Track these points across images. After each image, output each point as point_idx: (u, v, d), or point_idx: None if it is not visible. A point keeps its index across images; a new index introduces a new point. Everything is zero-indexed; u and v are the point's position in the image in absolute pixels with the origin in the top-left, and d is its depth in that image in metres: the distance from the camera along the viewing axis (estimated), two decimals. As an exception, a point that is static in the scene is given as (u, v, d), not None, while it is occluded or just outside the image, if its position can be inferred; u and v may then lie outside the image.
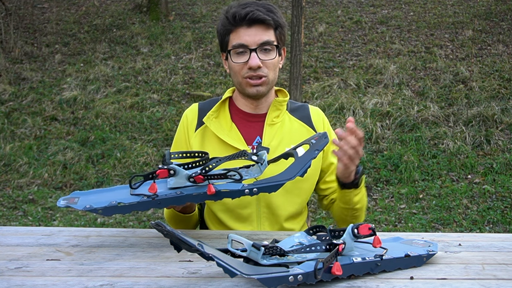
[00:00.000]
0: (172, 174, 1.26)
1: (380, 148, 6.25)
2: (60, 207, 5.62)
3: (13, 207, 5.61)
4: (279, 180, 1.26)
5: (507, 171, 5.63)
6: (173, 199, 1.26)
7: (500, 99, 6.89)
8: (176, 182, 1.28)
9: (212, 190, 1.24)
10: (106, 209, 1.26)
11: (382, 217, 5.00)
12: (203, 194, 1.26)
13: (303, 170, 1.27)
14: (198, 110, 1.73)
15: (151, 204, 1.26)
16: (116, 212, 1.26)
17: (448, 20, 9.29)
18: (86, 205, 1.27)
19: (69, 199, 1.31)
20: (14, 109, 7.62)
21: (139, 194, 1.28)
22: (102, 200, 1.28)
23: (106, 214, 1.26)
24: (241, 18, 1.57)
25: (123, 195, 1.30)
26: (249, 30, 1.58)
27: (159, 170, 1.26)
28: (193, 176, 1.26)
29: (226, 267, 0.97)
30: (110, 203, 1.26)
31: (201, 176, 1.26)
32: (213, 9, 10.59)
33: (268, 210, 1.63)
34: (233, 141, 1.63)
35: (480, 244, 1.33)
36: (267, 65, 1.60)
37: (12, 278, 1.08)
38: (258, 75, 1.60)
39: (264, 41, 1.58)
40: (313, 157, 1.30)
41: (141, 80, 8.24)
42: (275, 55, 1.62)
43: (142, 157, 6.44)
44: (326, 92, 7.48)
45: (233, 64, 1.61)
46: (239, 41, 1.59)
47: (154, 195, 1.26)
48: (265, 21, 1.58)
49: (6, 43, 9.29)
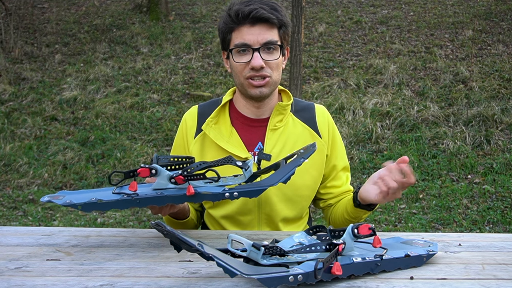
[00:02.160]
0: (154, 173, 1.26)
1: (380, 148, 6.25)
2: (61, 207, 5.54)
3: (13, 207, 5.61)
4: (261, 185, 1.24)
5: (507, 171, 5.63)
6: (153, 199, 1.25)
7: (500, 99, 6.89)
8: (158, 183, 1.28)
9: (191, 191, 1.24)
10: (86, 205, 1.25)
11: (382, 217, 5.00)
12: (183, 195, 1.26)
13: (286, 177, 1.25)
14: (197, 115, 1.66)
15: (131, 203, 1.25)
16: (95, 208, 1.26)
17: (448, 20, 9.29)
18: (66, 201, 1.27)
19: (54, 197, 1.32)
20: (14, 109, 7.62)
21: (120, 193, 1.27)
22: (83, 197, 1.28)
23: (86, 210, 1.26)
24: (244, 16, 1.51)
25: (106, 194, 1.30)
26: (252, 29, 1.52)
27: (140, 168, 1.25)
28: (174, 176, 1.26)
29: (226, 267, 0.97)
30: (90, 199, 1.26)
31: (182, 177, 1.25)
32: (213, 9, 10.59)
33: (268, 217, 1.61)
34: (234, 148, 1.58)
35: (480, 244, 1.33)
36: (271, 65, 1.54)
37: (12, 278, 1.08)
38: (261, 75, 1.53)
39: (267, 40, 1.52)
40: (297, 165, 1.28)
41: (141, 80, 8.24)
42: (279, 55, 1.56)
43: (142, 157, 6.44)
44: (326, 92, 7.48)
45: (235, 64, 1.55)
46: (242, 40, 1.52)
47: (134, 194, 1.26)
48: (269, 19, 1.52)
49: (6, 43, 9.29)
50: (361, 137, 6.42)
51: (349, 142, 6.33)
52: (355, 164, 5.95)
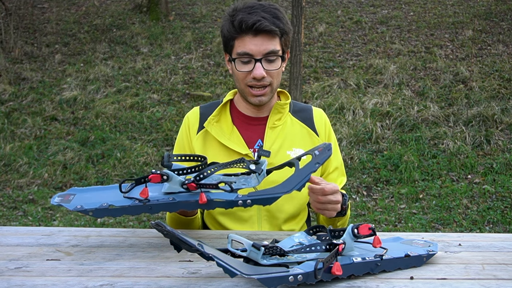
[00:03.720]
0: (165, 179, 1.25)
1: (380, 148, 6.25)
2: (59, 207, 5.53)
3: (13, 207, 5.61)
4: (275, 192, 1.24)
5: (507, 171, 5.63)
6: (165, 205, 1.25)
7: (500, 99, 6.89)
8: (170, 187, 1.27)
9: (204, 200, 1.23)
10: (97, 211, 1.24)
11: (382, 217, 5.00)
12: (195, 201, 1.25)
13: (301, 184, 1.25)
14: (199, 114, 1.72)
15: (142, 208, 1.24)
16: (107, 214, 1.25)
17: (448, 20, 9.29)
18: (77, 206, 1.26)
19: (65, 196, 1.31)
20: (14, 109, 7.62)
21: (132, 198, 1.26)
22: (94, 201, 1.27)
23: (97, 216, 1.25)
24: (248, 27, 1.55)
25: (117, 197, 1.29)
26: (255, 39, 1.57)
27: (152, 175, 1.24)
28: (186, 183, 1.25)
29: (226, 267, 0.97)
30: (101, 205, 1.25)
31: (194, 184, 1.24)
32: (213, 9, 10.59)
33: (268, 212, 1.63)
34: (234, 145, 1.63)
35: (480, 244, 1.33)
36: (271, 74, 1.61)
37: (12, 278, 1.08)
38: (262, 85, 1.60)
39: (269, 51, 1.57)
40: (313, 171, 1.28)
41: (141, 80, 8.24)
42: (280, 64, 1.61)
43: (142, 157, 6.44)
44: (326, 92, 7.48)
45: (237, 72, 1.61)
46: (244, 50, 1.57)
47: (146, 200, 1.25)
48: (271, 31, 1.56)
49: (6, 43, 9.29)
50: (361, 137, 6.42)
51: (349, 142, 6.33)
52: (355, 164, 5.95)
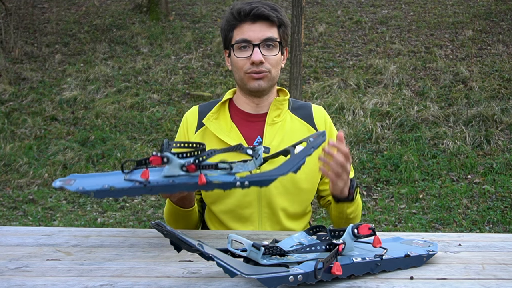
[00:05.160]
0: (166, 162, 1.26)
1: (380, 148, 6.25)
2: (61, 206, 5.52)
3: (13, 207, 5.61)
4: (271, 174, 1.25)
5: (507, 171, 5.63)
6: (165, 187, 1.26)
7: (500, 99, 6.89)
8: (169, 170, 1.28)
9: (203, 180, 1.24)
10: (98, 192, 1.25)
11: (382, 217, 5.00)
12: (194, 183, 1.26)
13: (297, 166, 1.26)
14: (198, 113, 1.73)
15: (143, 190, 1.26)
16: (108, 195, 1.26)
17: (448, 20, 9.29)
18: (79, 187, 1.27)
19: (65, 181, 1.31)
20: (14, 109, 7.63)
21: (132, 180, 1.28)
22: (95, 184, 1.28)
23: (98, 197, 1.26)
24: (246, 14, 1.60)
25: (118, 179, 1.30)
26: (253, 26, 1.61)
27: (152, 157, 1.25)
28: (185, 165, 1.26)
29: (226, 267, 0.97)
30: (102, 186, 1.26)
31: (193, 166, 1.26)
32: (213, 9, 10.59)
33: (269, 210, 1.63)
34: (233, 141, 1.63)
35: (480, 244, 1.33)
36: (270, 61, 1.62)
37: (12, 278, 1.08)
38: (260, 71, 1.62)
39: (267, 37, 1.61)
40: (308, 154, 1.29)
41: (141, 80, 8.24)
42: (278, 51, 1.64)
43: (142, 157, 6.43)
44: (326, 92, 7.48)
45: (236, 59, 1.63)
46: (243, 36, 1.61)
47: (146, 182, 1.26)
48: (269, 17, 1.61)
49: (6, 43, 9.29)
50: (361, 137, 6.42)
51: (349, 142, 6.33)
52: (355, 164, 5.95)
